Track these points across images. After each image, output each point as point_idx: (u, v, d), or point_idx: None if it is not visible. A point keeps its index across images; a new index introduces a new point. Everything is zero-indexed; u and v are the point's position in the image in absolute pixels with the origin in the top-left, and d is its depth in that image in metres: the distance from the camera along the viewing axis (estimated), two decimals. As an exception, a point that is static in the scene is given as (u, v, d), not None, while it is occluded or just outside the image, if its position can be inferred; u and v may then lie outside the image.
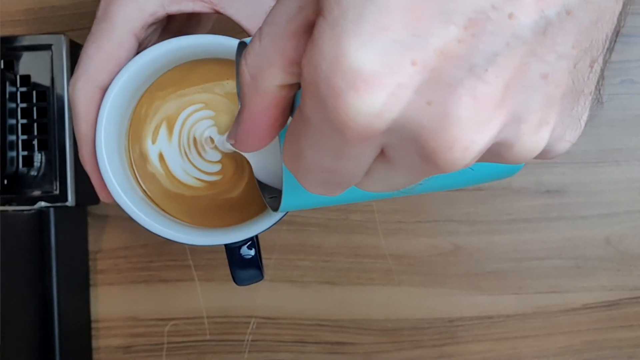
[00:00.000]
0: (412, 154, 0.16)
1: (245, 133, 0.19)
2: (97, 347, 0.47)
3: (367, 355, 0.47)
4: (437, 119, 0.15)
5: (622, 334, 0.46)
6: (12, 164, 0.42)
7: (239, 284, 0.34)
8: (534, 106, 0.16)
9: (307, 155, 0.17)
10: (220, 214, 0.33)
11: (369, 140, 0.16)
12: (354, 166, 0.17)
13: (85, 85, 0.31)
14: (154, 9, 0.31)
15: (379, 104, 0.14)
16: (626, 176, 0.46)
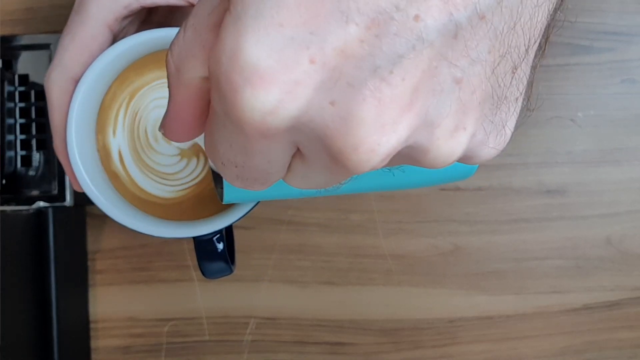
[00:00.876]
0: (322, 153, 0.16)
1: (172, 123, 0.18)
2: (95, 347, 0.47)
3: (367, 355, 0.47)
4: (341, 119, 0.15)
5: (622, 334, 0.46)
6: (11, 164, 0.42)
7: (206, 276, 0.34)
8: (447, 110, 0.16)
9: (219, 148, 0.17)
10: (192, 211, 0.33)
11: (272, 137, 0.15)
12: (265, 163, 0.17)
13: (59, 76, 0.31)
14: (128, 1, 0.31)
15: (273, 100, 0.14)
16: (627, 176, 0.46)
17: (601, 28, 0.46)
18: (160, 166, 0.32)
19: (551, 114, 0.47)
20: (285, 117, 0.15)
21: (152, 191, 0.32)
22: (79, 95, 0.31)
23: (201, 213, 0.32)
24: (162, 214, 0.32)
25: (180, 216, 0.32)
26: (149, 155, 0.32)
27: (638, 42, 0.46)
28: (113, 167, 0.32)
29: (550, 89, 0.47)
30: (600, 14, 0.46)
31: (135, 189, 0.32)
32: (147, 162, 0.32)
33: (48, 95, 0.32)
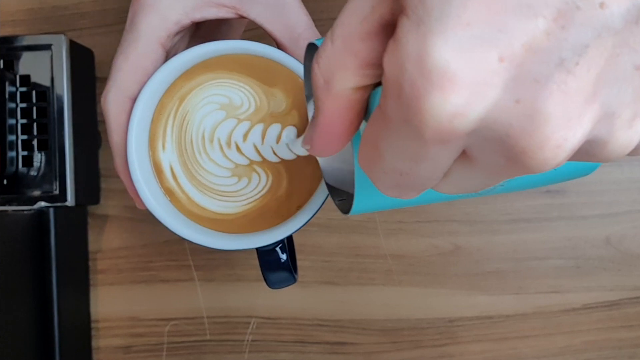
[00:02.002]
0: (497, 155, 0.15)
1: (320, 138, 0.18)
2: (97, 347, 0.47)
3: (367, 355, 0.47)
4: (527, 117, 0.14)
5: (622, 334, 0.46)
6: (12, 164, 0.42)
7: (271, 287, 0.34)
8: (627, 99, 0.15)
9: (383, 157, 0.17)
10: (253, 224, 0.33)
11: (450, 142, 0.15)
12: (432, 169, 0.16)
13: (115, 96, 0.31)
14: (178, 17, 0.31)
15: (461, 103, 0.14)
16: (626, 176, 0.46)
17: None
18: (218, 185, 0.32)
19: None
20: (471, 120, 0.14)
21: (212, 208, 0.32)
22: (137, 113, 0.31)
23: (263, 225, 0.32)
24: (221, 228, 0.32)
25: (239, 229, 0.32)
26: (200, 173, 0.32)
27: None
28: (167, 183, 0.32)
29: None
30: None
31: (193, 205, 0.32)
32: (203, 182, 0.32)
33: (106, 116, 0.32)
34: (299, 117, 0.31)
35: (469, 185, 0.18)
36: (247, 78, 0.32)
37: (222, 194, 0.32)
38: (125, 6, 0.48)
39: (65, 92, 0.43)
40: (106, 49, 0.48)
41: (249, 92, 0.32)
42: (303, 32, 0.31)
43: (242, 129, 0.32)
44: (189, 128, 0.32)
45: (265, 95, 0.32)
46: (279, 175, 0.32)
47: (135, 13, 0.31)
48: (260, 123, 0.32)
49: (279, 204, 0.32)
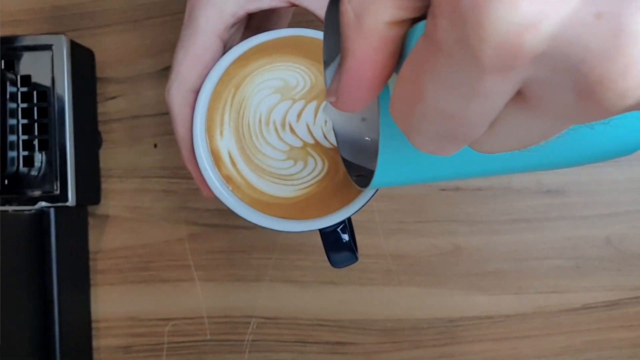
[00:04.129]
0: (566, 89, 0.13)
1: (349, 85, 0.16)
2: (97, 347, 0.47)
3: (367, 355, 0.47)
4: (608, 37, 0.12)
5: (622, 334, 0.46)
6: (13, 164, 0.43)
7: (334, 266, 0.35)
8: None
9: (426, 97, 0.14)
10: (315, 207, 0.33)
11: (513, 70, 0.12)
12: (484, 110, 0.14)
13: (177, 90, 0.32)
14: (234, 9, 0.32)
15: (535, 12, 0.12)
16: (626, 176, 0.46)
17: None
18: (275, 169, 0.33)
19: (551, 114, 0.47)
20: (544, 37, 0.12)
21: (271, 191, 0.33)
22: (200, 105, 0.32)
23: (323, 208, 0.33)
24: (283, 213, 0.33)
25: (302, 213, 0.33)
26: (257, 157, 0.33)
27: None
28: (226, 171, 0.33)
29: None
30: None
31: (252, 190, 0.33)
32: (261, 166, 0.33)
33: (170, 109, 0.32)
34: None
35: (519, 137, 0.15)
36: (301, 59, 0.33)
37: (279, 177, 0.33)
38: (126, 6, 0.48)
39: (66, 92, 0.43)
40: (107, 49, 0.48)
41: (303, 72, 0.33)
42: None
43: (297, 108, 0.33)
44: (246, 114, 0.33)
45: (320, 72, 0.32)
46: (334, 162, 0.33)
47: (192, 7, 0.32)
48: (314, 100, 0.33)
49: (338, 189, 0.33)
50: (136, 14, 0.48)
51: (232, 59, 0.32)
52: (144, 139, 0.48)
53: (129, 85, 0.48)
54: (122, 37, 0.48)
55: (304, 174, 0.33)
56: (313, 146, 0.33)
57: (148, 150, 0.48)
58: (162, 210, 0.47)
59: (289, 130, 0.33)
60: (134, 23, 0.48)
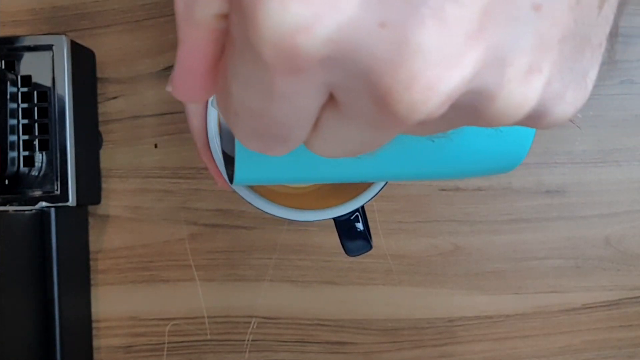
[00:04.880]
0: (364, 96, 0.13)
1: (182, 77, 0.15)
2: (98, 346, 0.48)
3: (367, 355, 0.47)
4: (393, 46, 0.12)
5: (621, 334, 0.46)
6: (13, 164, 0.43)
7: (349, 254, 0.35)
8: (522, 45, 0.12)
9: (232, 90, 0.14)
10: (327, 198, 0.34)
11: (301, 72, 0.12)
12: (289, 111, 0.13)
13: None
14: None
15: (308, 14, 0.11)
16: (626, 176, 0.47)
17: (601, 29, 0.46)
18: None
19: (551, 114, 0.47)
20: (320, 40, 0.11)
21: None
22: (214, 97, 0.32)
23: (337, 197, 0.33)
24: (298, 203, 0.33)
25: (316, 203, 0.33)
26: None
27: (637, 43, 0.46)
28: None
29: (550, 89, 0.47)
30: (600, 15, 0.46)
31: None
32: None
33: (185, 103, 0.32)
34: None
35: (344, 142, 0.14)
36: None
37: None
38: (126, 7, 0.48)
39: (67, 92, 0.43)
40: (107, 50, 0.48)
41: None
42: None
43: None
44: None
45: None
46: None
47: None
48: None
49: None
50: (137, 14, 0.48)
51: None
52: (144, 139, 0.48)
53: (130, 85, 0.48)
54: (123, 37, 0.48)
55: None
56: None
57: (148, 150, 0.48)
58: (162, 210, 0.47)
59: None
60: (135, 23, 0.48)
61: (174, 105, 0.47)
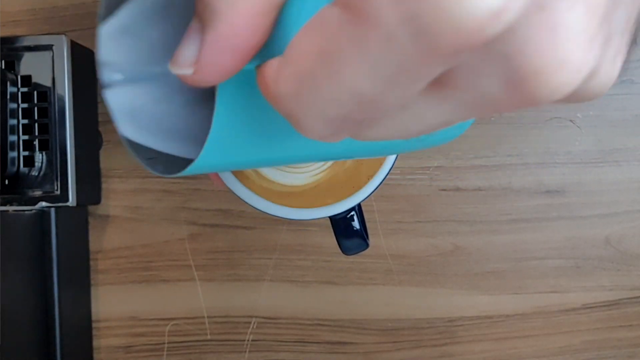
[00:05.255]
0: (495, 76, 0.12)
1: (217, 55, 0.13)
2: (97, 347, 0.48)
3: (367, 355, 0.47)
4: (549, 29, 0.11)
5: (622, 334, 0.46)
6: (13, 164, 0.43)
7: (346, 253, 0.35)
8: (620, 27, 0.13)
9: (345, 75, 0.12)
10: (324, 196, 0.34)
11: (458, 55, 0.11)
12: (405, 94, 0.12)
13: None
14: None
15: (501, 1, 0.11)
16: (626, 176, 0.47)
17: (601, 29, 0.46)
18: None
19: (550, 114, 0.47)
20: (504, 24, 0.11)
21: (282, 180, 0.33)
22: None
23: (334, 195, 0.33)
24: (295, 202, 0.33)
25: (313, 201, 0.33)
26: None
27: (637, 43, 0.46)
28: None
29: (550, 89, 0.47)
30: (600, 15, 0.46)
31: (262, 180, 0.33)
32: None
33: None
34: None
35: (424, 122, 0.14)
36: None
37: (291, 166, 0.33)
38: (126, 7, 0.48)
39: (67, 92, 0.43)
40: (107, 50, 0.48)
41: None
42: None
43: None
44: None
45: None
46: None
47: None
48: None
49: (348, 175, 0.33)
50: (136, 14, 0.48)
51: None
52: (144, 139, 0.48)
53: (130, 85, 0.48)
54: (123, 37, 0.48)
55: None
56: None
57: (148, 151, 0.48)
58: (162, 210, 0.47)
59: None
60: (134, 23, 0.48)
61: (174, 105, 0.47)
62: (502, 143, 0.47)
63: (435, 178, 0.47)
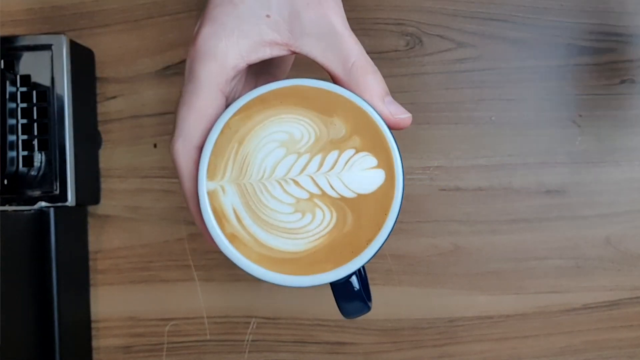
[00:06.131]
0: None
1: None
2: (97, 347, 0.47)
3: (367, 355, 0.47)
4: None
5: (622, 334, 0.46)
6: (13, 164, 0.43)
7: (346, 316, 0.35)
8: None
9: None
10: (325, 261, 0.33)
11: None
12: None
13: (182, 147, 0.32)
14: (235, 62, 0.32)
15: None
16: (626, 176, 0.46)
17: (601, 29, 0.46)
18: (283, 223, 0.32)
19: (551, 114, 0.47)
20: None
21: (280, 246, 0.32)
22: (203, 162, 0.32)
23: (333, 261, 0.32)
24: (293, 268, 0.32)
25: (312, 267, 0.32)
26: (264, 212, 0.32)
27: (638, 43, 0.46)
28: (231, 228, 0.32)
29: (550, 89, 0.47)
30: (600, 14, 0.46)
31: (260, 246, 0.32)
32: (268, 221, 0.32)
33: (177, 166, 0.33)
34: (360, 141, 0.32)
35: None
36: (305, 110, 0.32)
37: (288, 231, 0.32)
38: (125, 6, 0.48)
39: (66, 92, 0.43)
40: (106, 49, 0.48)
41: (308, 124, 0.32)
42: (356, 60, 0.32)
43: (302, 162, 0.32)
44: (249, 169, 0.32)
45: (325, 124, 0.32)
46: (342, 211, 0.32)
47: (192, 61, 0.32)
48: (319, 154, 0.32)
49: (347, 240, 0.32)
50: (136, 13, 0.48)
51: (234, 111, 0.32)
52: (144, 139, 0.48)
53: (129, 85, 0.48)
54: (122, 37, 0.48)
55: (313, 226, 0.32)
56: (320, 197, 0.32)
57: (148, 150, 0.48)
58: (162, 210, 0.47)
59: (293, 183, 0.32)
60: (134, 23, 0.48)
61: (174, 105, 0.47)
62: (502, 143, 0.47)
63: (435, 178, 0.47)
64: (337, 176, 0.32)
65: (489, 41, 0.47)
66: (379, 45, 0.47)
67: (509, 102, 0.47)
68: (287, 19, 0.32)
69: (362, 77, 0.31)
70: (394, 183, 0.31)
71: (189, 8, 0.48)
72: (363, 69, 0.31)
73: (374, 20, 0.47)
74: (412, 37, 0.47)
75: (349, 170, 0.32)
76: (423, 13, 0.47)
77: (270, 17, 0.31)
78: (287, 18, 0.32)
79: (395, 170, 0.31)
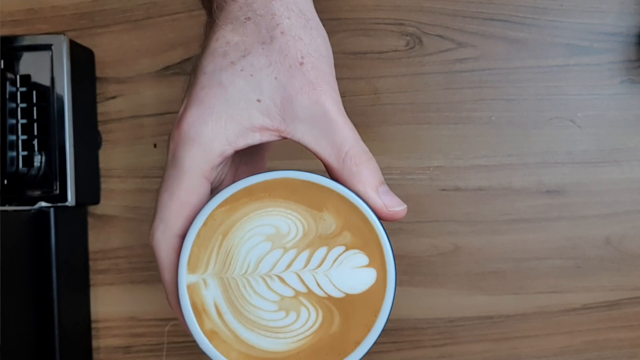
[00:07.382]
0: None
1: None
2: (97, 347, 0.47)
3: (367, 355, 0.47)
4: None
5: (622, 334, 0.46)
6: (12, 164, 0.43)
7: None
8: None
9: None
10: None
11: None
12: None
13: (163, 235, 0.31)
14: (221, 148, 0.30)
15: None
16: (626, 176, 0.46)
17: (601, 29, 0.46)
18: (266, 321, 0.31)
19: (551, 114, 0.47)
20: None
21: (263, 345, 0.31)
22: (186, 252, 0.30)
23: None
24: None
25: None
26: (247, 308, 0.31)
27: (637, 43, 0.46)
28: (210, 324, 0.31)
29: (550, 89, 0.47)
30: (600, 14, 0.46)
31: (241, 344, 0.31)
32: (250, 318, 0.31)
33: (156, 255, 0.31)
34: (350, 237, 0.30)
35: None
36: (293, 204, 0.31)
37: (271, 330, 0.31)
38: (125, 6, 0.48)
39: (66, 92, 0.43)
40: (106, 49, 0.48)
41: (296, 218, 0.31)
42: (350, 149, 0.30)
43: (288, 257, 0.31)
44: (233, 263, 0.31)
45: (314, 219, 0.31)
46: (329, 311, 0.31)
47: (176, 146, 0.30)
48: (307, 249, 0.31)
49: (334, 341, 0.31)
50: (136, 13, 0.48)
51: (219, 202, 0.30)
52: (143, 139, 0.48)
53: (129, 85, 0.48)
54: (122, 37, 0.48)
55: (297, 325, 0.31)
56: (306, 295, 0.31)
57: (148, 150, 0.48)
58: (161, 210, 0.47)
59: (278, 279, 0.31)
60: (134, 23, 0.48)
61: (173, 105, 0.47)
62: (502, 143, 0.47)
63: (435, 178, 0.47)
64: (324, 274, 0.30)
65: (489, 41, 0.47)
66: (379, 45, 0.47)
67: (509, 102, 0.47)
68: (279, 104, 0.29)
69: (355, 167, 0.30)
70: (385, 283, 0.30)
71: (189, 8, 0.48)
72: (357, 159, 0.30)
73: (374, 20, 0.47)
74: (412, 37, 0.47)
75: (337, 268, 0.30)
76: (423, 13, 0.47)
77: (261, 102, 0.29)
78: (279, 103, 0.29)
79: (387, 270, 0.30)
